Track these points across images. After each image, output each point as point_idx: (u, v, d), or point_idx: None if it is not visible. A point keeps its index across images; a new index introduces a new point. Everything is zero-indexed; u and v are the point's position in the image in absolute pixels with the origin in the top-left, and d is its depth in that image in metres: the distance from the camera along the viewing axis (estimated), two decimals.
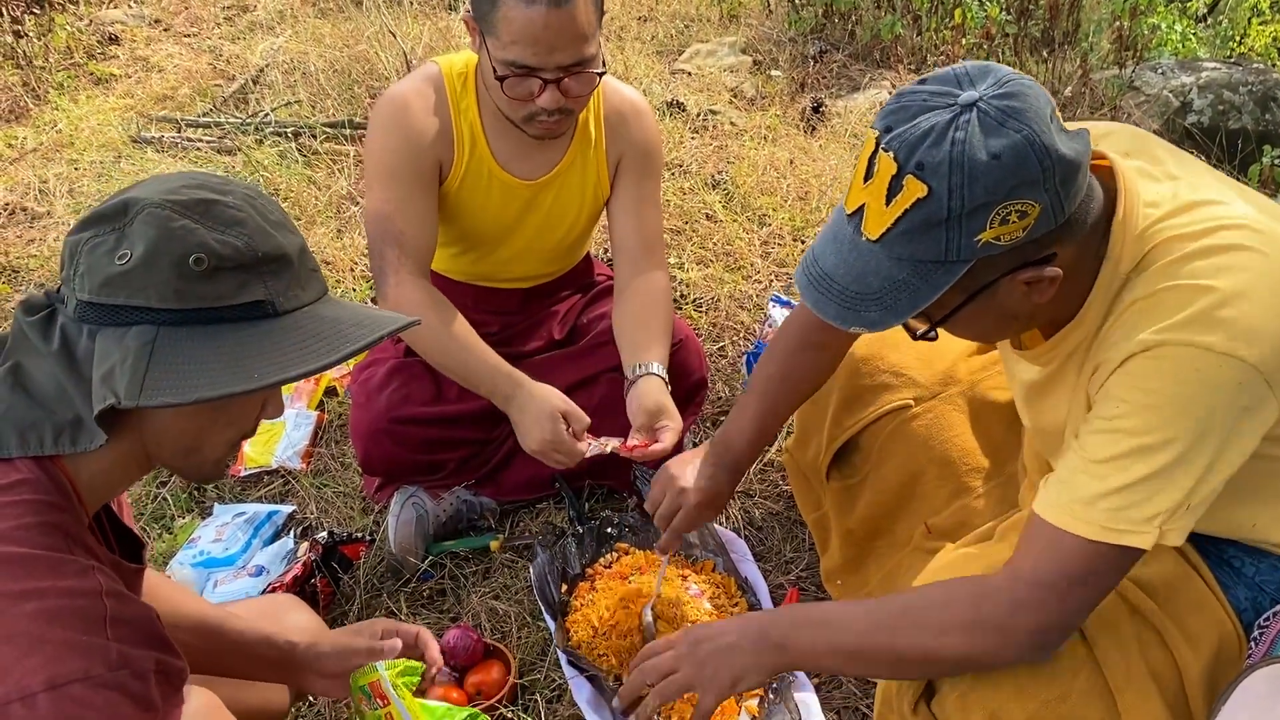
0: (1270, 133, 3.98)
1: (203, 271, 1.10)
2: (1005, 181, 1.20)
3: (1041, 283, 1.30)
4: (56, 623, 1.03)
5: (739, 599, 2.16)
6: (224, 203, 1.14)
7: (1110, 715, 1.44)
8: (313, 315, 1.19)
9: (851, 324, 1.31)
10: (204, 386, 1.09)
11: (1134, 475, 1.30)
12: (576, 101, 2.07)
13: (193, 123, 4.29)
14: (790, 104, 4.25)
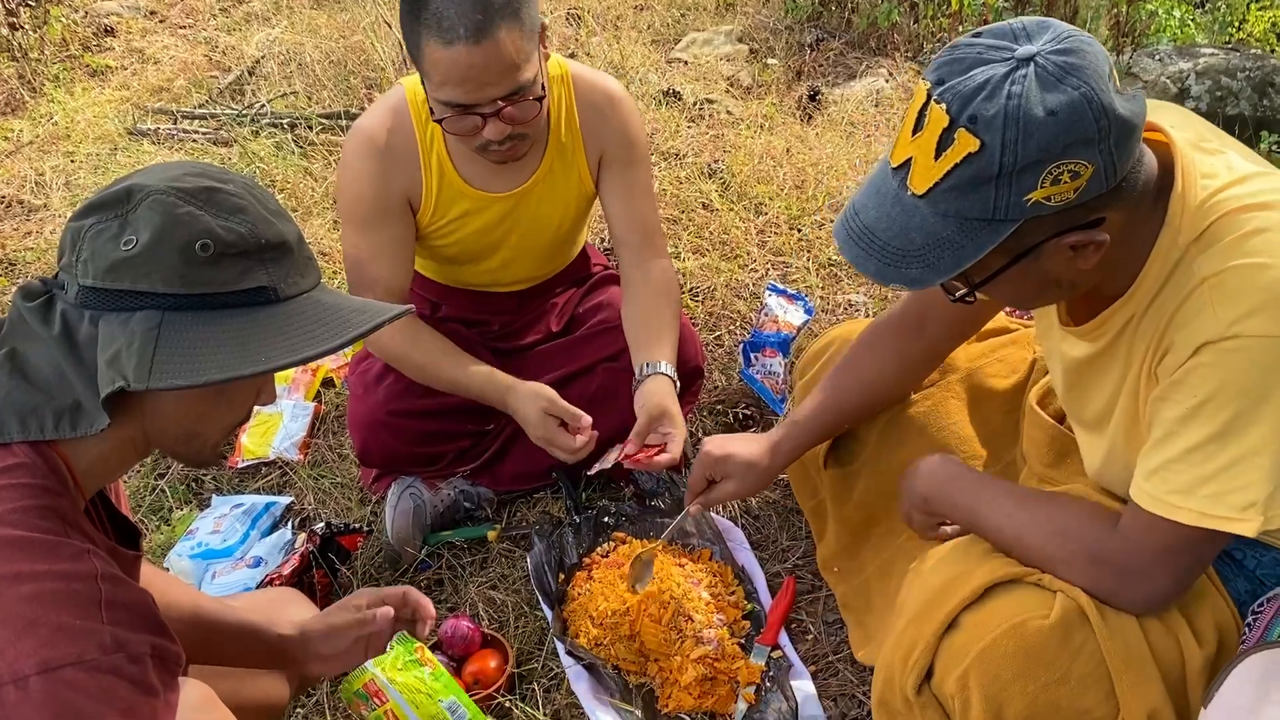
0: (1268, 118, 3.97)
1: (208, 257, 1.12)
2: (1060, 139, 1.17)
3: (1088, 248, 1.28)
4: (51, 606, 1.03)
5: (735, 587, 2.17)
6: (226, 190, 1.16)
7: (1109, 698, 1.44)
8: (313, 301, 1.21)
9: (892, 280, 1.30)
10: (212, 369, 1.11)
11: (1223, 460, 1.31)
12: (525, 126, 2.02)
13: (189, 114, 4.28)
14: (787, 92, 4.24)
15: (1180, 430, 1.33)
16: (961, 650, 1.48)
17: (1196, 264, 1.32)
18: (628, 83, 4.13)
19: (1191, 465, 1.33)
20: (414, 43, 1.91)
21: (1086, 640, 1.44)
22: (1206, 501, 1.33)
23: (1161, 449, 1.36)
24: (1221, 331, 1.27)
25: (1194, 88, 4.03)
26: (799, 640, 2.12)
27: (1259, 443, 1.29)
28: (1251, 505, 1.31)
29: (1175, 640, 1.47)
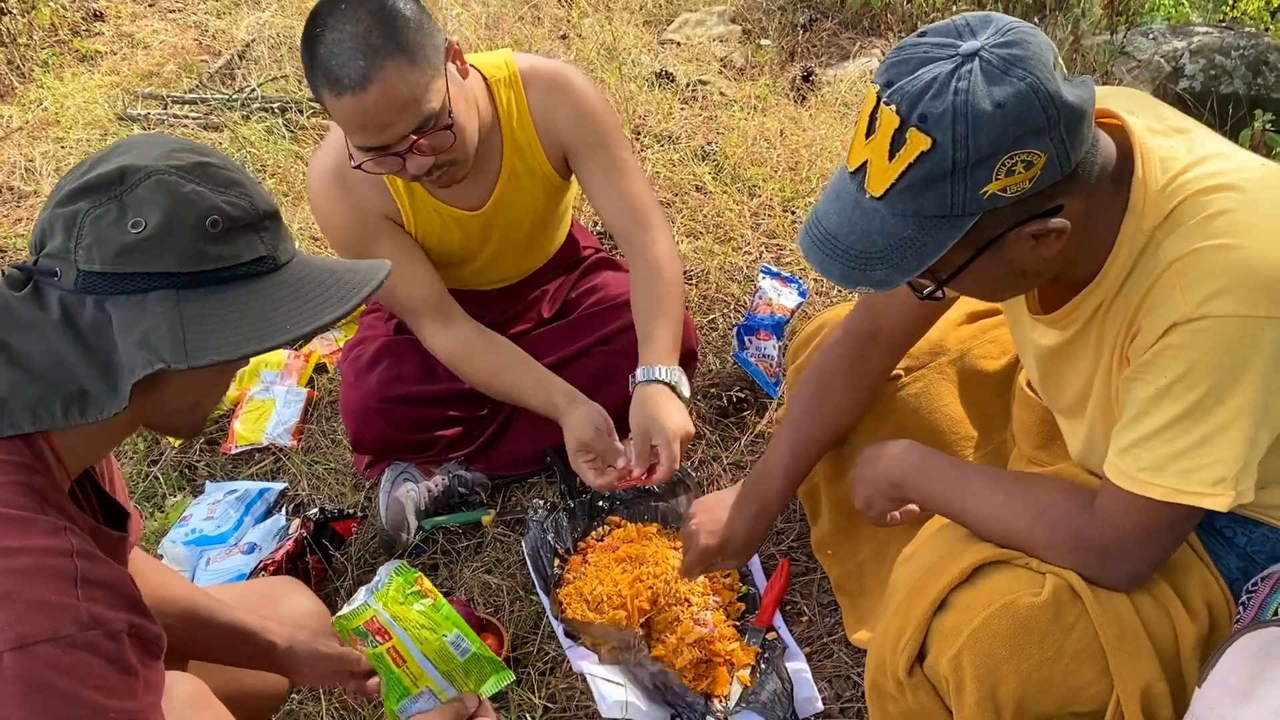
0: (1262, 97, 3.96)
1: (218, 234, 1.13)
2: (1010, 131, 1.19)
3: (1049, 235, 1.29)
4: (25, 581, 1.02)
5: (730, 571, 2.17)
6: (215, 164, 1.17)
7: (1103, 675, 1.45)
8: (305, 265, 1.24)
9: (858, 284, 1.31)
10: (248, 341, 1.14)
11: (1193, 437, 1.32)
12: (449, 153, 1.97)
13: (179, 99, 4.26)
14: (780, 73, 4.22)
15: (1151, 409, 1.35)
16: (954, 630, 1.48)
17: (1163, 248, 1.33)
18: (619, 64, 4.11)
19: (1162, 443, 1.35)
20: (316, 94, 1.89)
21: (1079, 617, 1.44)
22: (1177, 478, 1.34)
23: (1133, 428, 1.38)
24: (1189, 313, 1.28)
25: (1188, 66, 4.01)
26: (793, 623, 2.12)
27: (1228, 419, 1.30)
28: (1221, 481, 1.33)
29: (1168, 616, 1.47)
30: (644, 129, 3.69)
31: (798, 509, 2.32)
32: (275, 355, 2.85)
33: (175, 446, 2.64)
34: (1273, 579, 1.48)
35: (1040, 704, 1.47)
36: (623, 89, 3.89)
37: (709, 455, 2.51)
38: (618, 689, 1.90)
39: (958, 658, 1.47)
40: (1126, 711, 1.45)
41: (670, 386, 2.10)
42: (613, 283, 2.53)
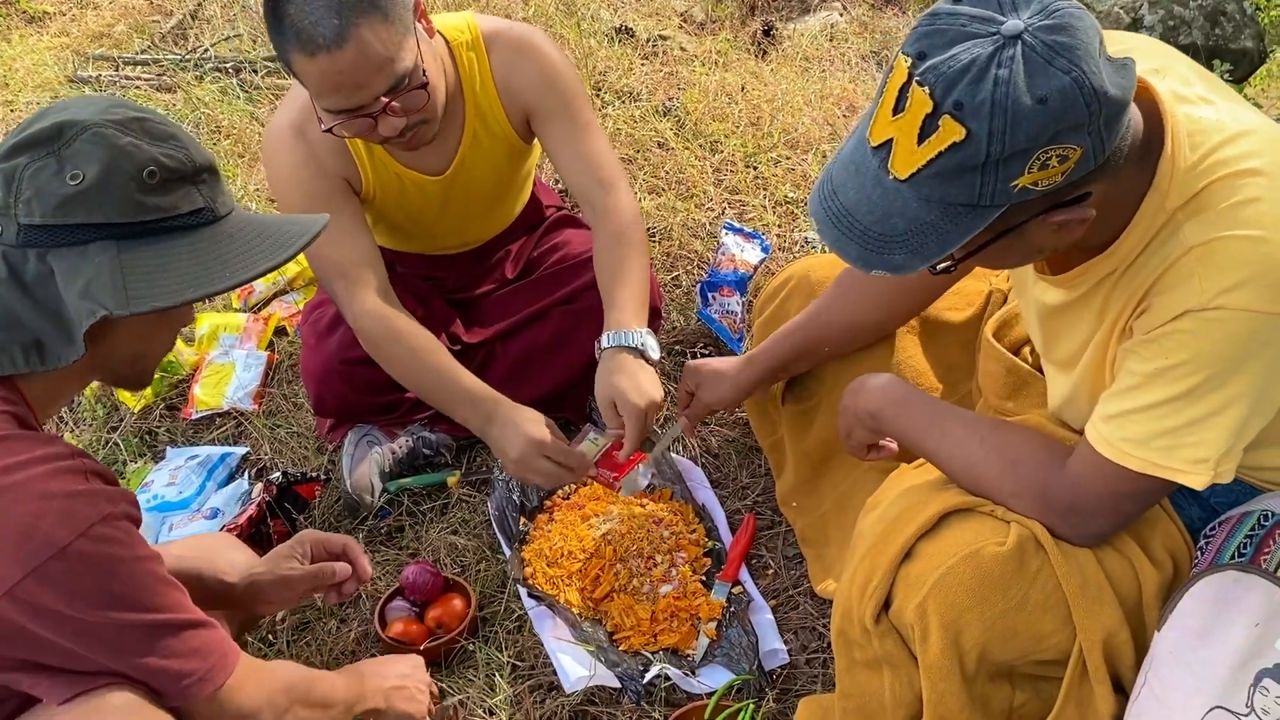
0: (1219, 47, 3.98)
1: (156, 184, 1.17)
2: (1050, 127, 1.13)
3: (1073, 223, 1.25)
4: (53, 481, 1.15)
5: (696, 525, 2.18)
6: (152, 119, 1.22)
7: (1066, 624, 1.47)
8: (243, 218, 1.30)
9: (875, 267, 1.25)
10: (186, 288, 1.19)
11: (1183, 419, 1.32)
12: (420, 114, 1.94)
13: (130, 60, 4.18)
14: (741, 28, 4.19)
15: (1146, 385, 1.34)
16: (919, 579, 1.49)
17: (1184, 230, 1.29)
18: (578, 20, 4.07)
19: (1150, 419, 1.34)
20: (282, 57, 1.83)
21: (1042, 566, 1.46)
22: (1158, 453, 1.34)
23: (1123, 398, 1.37)
24: (1205, 301, 1.26)
25: (1147, 17, 4.02)
26: (759, 576, 2.13)
27: (1221, 406, 1.30)
28: (1203, 461, 1.33)
29: (1130, 565, 1.49)
30: (604, 85, 3.66)
31: (763, 464, 2.33)
32: (234, 319, 2.82)
33: (135, 411, 2.61)
34: (1230, 523, 1.50)
35: (1004, 652, 1.49)
36: (582, 45, 3.85)
37: (674, 412, 2.50)
38: (579, 667, 1.90)
39: (923, 605, 1.48)
40: (1089, 660, 1.47)
41: (638, 351, 2.04)
42: (574, 240, 2.51)
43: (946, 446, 1.59)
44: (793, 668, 1.95)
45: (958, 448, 1.58)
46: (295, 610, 2.09)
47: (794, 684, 1.93)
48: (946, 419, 1.62)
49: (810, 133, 3.38)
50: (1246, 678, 1.33)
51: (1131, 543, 1.50)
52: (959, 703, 1.51)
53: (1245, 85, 4.10)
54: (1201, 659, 1.37)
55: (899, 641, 1.58)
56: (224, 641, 1.33)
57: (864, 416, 1.74)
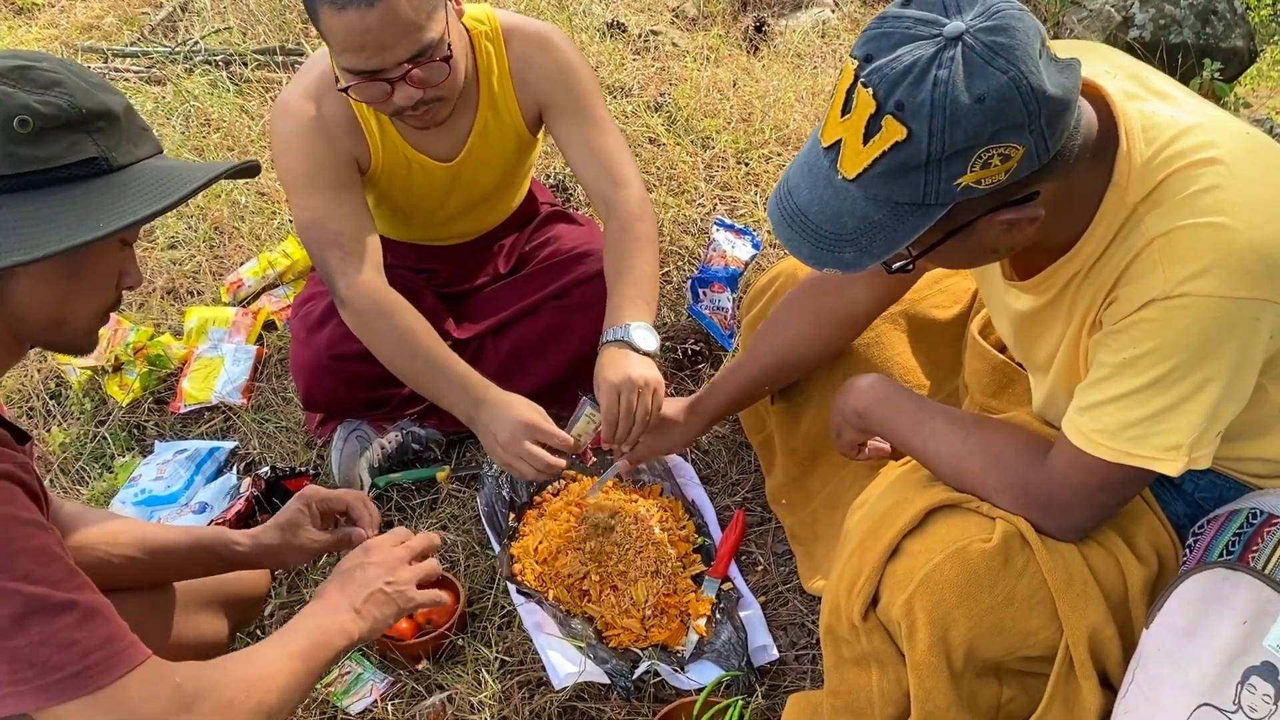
0: (1210, 46, 3.99)
1: (28, 134, 1.11)
2: (988, 126, 1.14)
3: (1022, 222, 1.27)
4: None
5: (686, 521, 2.18)
6: (39, 68, 1.15)
7: (1052, 619, 1.48)
8: (150, 168, 1.22)
9: (826, 265, 1.28)
10: (52, 241, 1.12)
11: (1153, 407, 1.33)
12: (438, 89, 1.94)
13: (120, 52, 4.16)
14: (733, 24, 4.19)
15: (1115, 375, 1.35)
16: (906, 576, 1.50)
17: (1145, 223, 1.31)
18: (570, 15, 4.06)
19: (1121, 409, 1.35)
20: (311, 9, 1.83)
21: (1028, 563, 1.47)
22: (1130, 442, 1.36)
23: (1095, 390, 1.38)
24: (1169, 290, 1.27)
25: (1138, 15, 4.03)
26: (749, 572, 2.13)
27: (1190, 393, 1.31)
28: (1176, 447, 1.34)
29: (1115, 560, 1.50)
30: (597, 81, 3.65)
31: (753, 460, 2.33)
32: (222, 312, 2.81)
33: (123, 405, 2.60)
34: (1218, 521, 1.50)
35: (991, 648, 1.50)
36: (574, 40, 3.84)
37: None
38: (567, 664, 1.90)
39: (910, 603, 1.49)
40: (1075, 655, 1.48)
41: (627, 343, 2.00)
42: (566, 235, 2.51)
43: (933, 444, 1.60)
44: (781, 664, 1.95)
45: (943, 445, 1.59)
46: (284, 606, 2.09)
47: (783, 680, 1.94)
48: (933, 417, 1.63)
49: (801, 129, 3.38)
50: (1234, 675, 1.33)
51: (1116, 538, 1.51)
52: (946, 699, 1.51)
53: (1235, 84, 4.11)
54: (1189, 656, 1.38)
55: (886, 638, 1.58)
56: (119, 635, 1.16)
57: (852, 416, 1.75)
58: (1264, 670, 1.31)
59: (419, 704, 1.89)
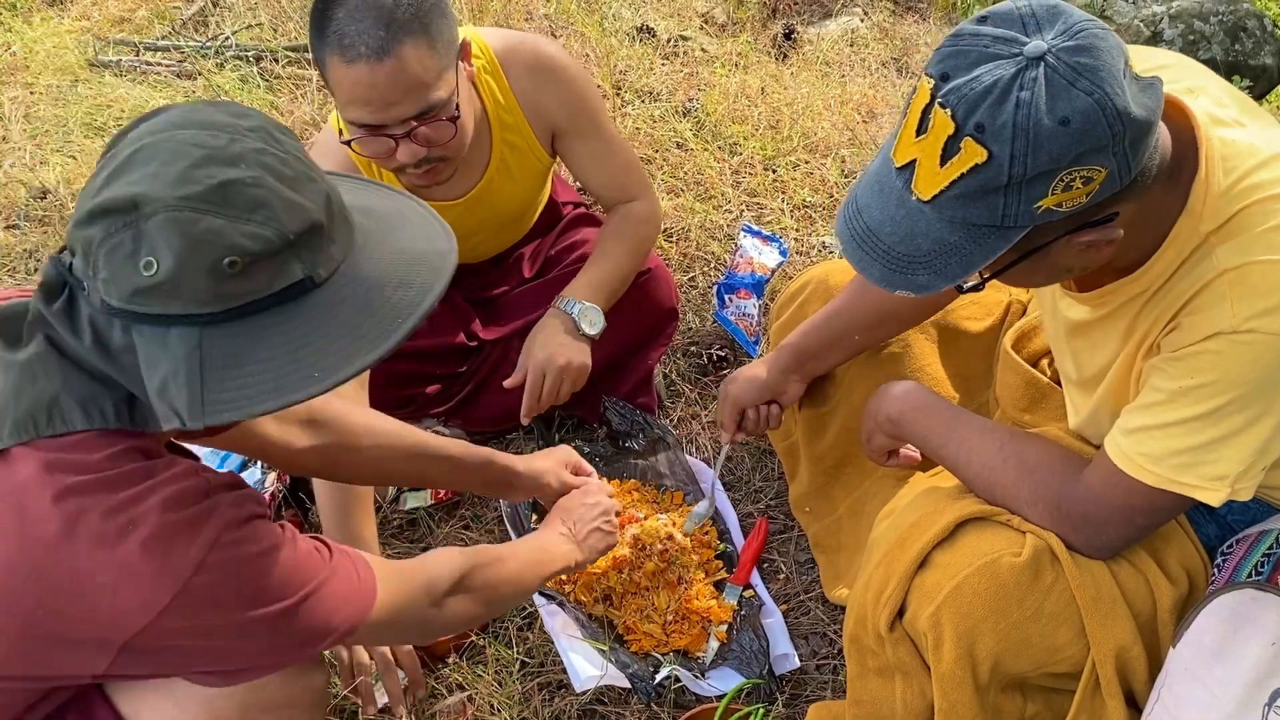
0: (1239, 63, 3.97)
1: (238, 273, 1.04)
2: (1072, 149, 1.12)
3: (1100, 244, 1.24)
4: (178, 505, 1.11)
5: (709, 528, 2.18)
6: (241, 181, 1.05)
7: (1080, 636, 1.47)
8: (352, 278, 1.14)
9: (899, 287, 1.25)
10: (267, 395, 1.07)
11: (1203, 438, 1.32)
12: (443, 149, 1.92)
13: (151, 46, 4.18)
14: (762, 30, 4.19)
15: (1169, 402, 1.34)
16: (934, 588, 1.50)
17: (1217, 254, 1.28)
18: (600, 18, 4.07)
19: (1171, 437, 1.34)
20: (320, 60, 1.82)
21: (1057, 579, 1.46)
22: (1175, 469, 1.34)
23: (1146, 414, 1.37)
24: (1237, 324, 1.26)
25: (1167, 31, 4.02)
26: (771, 580, 2.14)
27: (1242, 427, 1.30)
28: (1221, 479, 1.33)
29: (1145, 580, 1.49)
30: (625, 84, 3.66)
31: (776, 467, 2.33)
32: None
33: None
34: (1247, 541, 1.50)
35: (1017, 663, 1.49)
36: (603, 43, 3.85)
37: (688, 413, 2.51)
38: (589, 667, 1.90)
39: (937, 614, 1.48)
40: (1101, 673, 1.48)
41: (570, 317, 2.11)
42: (592, 239, 2.50)
43: (965, 453, 1.60)
44: (803, 673, 1.96)
45: (976, 454, 1.58)
46: None
47: (804, 689, 1.94)
48: (966, 426, 1.62)
49: (830, 137, 3.38)
50: (1261, 696, 1.33)
51: (1147, 558, 1.51)
52: (971, 712, 1.51)
53: (1263, 102, 4.09)
54: (1216, 677, 1.38)
55: (912, 649, 1.58)
56: (355, 579, 1.30)
57: (885, 421, 1.75)
58: None
59: (439, 703, 1.90)
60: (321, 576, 1.24)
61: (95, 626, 1.10)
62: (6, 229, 3.13)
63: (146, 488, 1.11)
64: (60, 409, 1.10)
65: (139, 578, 1.08)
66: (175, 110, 1.11)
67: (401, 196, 1.32)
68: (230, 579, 1.13)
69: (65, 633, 1.10)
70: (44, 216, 3.16)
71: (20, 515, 1.08)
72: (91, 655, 1.12)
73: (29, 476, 1.08)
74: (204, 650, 1.16)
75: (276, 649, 1.23)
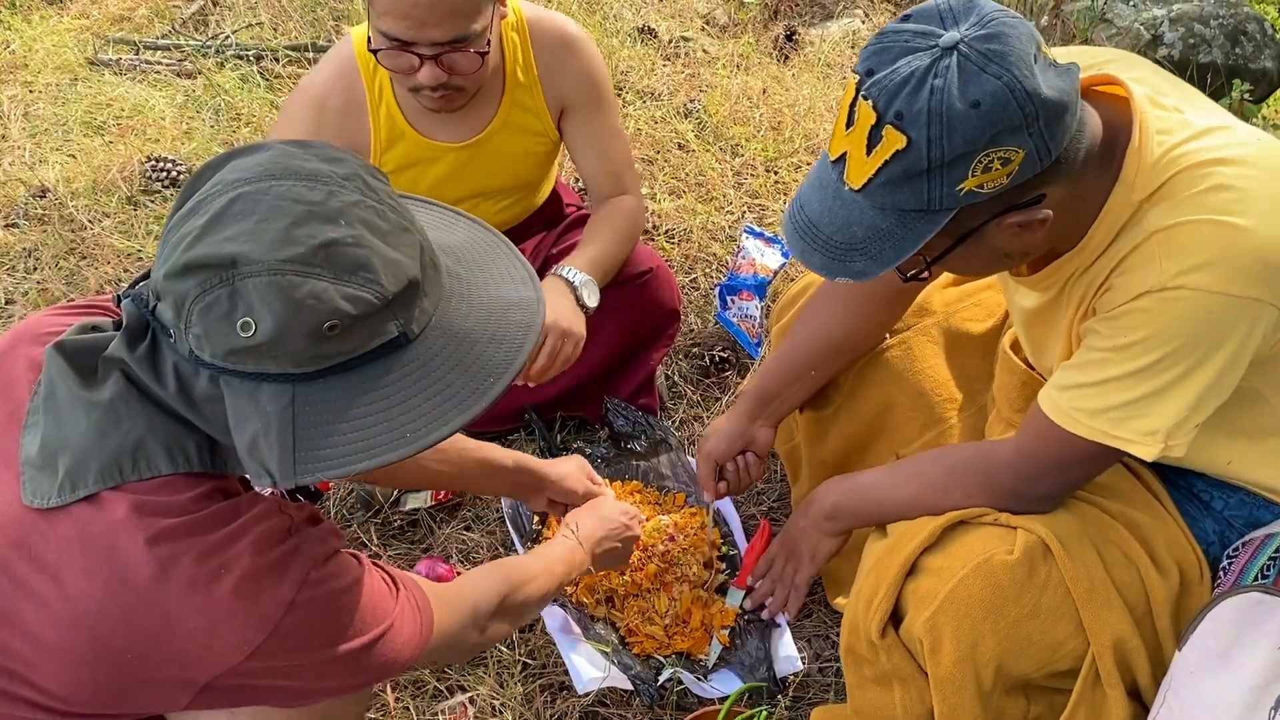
0: (1239, 66, 3.97)
1: (336, 335, 1.03)
2: (986, 130, 1.18)
3: (1032, 225, 1.30)
4: (266, 547, 1.11)
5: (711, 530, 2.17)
6: (341, 241, 1.02)
7: (1080, 630, 1.49)
8: (444, 331, 1.12)
9: (837, 275, 1.31)
10: (359, 457, 1.06)
11: (1137, 393, 1.35)
12: (463, 79, 1.96)
13: (151, 45, 4.17)
14: (763, 31, 4.19)
15: (1104, 360, 1.38)
16: (929, 593, 1.50)
17: (1148, 218, 1.34)
18: (601, 19, 4.06)
19: (1105, 393, 1.38)
20: None
21: (1051, 572, 1.48)
22: (1110, 423, 1.38)
23: (1081, 371, 1.41)
24: (1165, 281, 1.30)
25: (1167, 34, 4.02)
26: None
27: (1174, 381, 1.34)
28: (1153, 433, 1.36)
29: (1136, 573, 1.52)
30: (626, 85, 3.66)
31: (779, 470, 2.33)
32: None
33: None
34: (1253, 545, 1.50)
35: (1020, 663, 1.50)
36: (604, 44, 3.84)
37: (690, 415, 2.51)
38: (591, 668, 1.90)
39: (933, 619, 1.49)
40: (1100, 664, 1.49)
41: (570, 284, 2.09)
42: None
43: (901, 496, 1.65)
44: (806, 676, 1.95)
45: (906, 488, 1.65)
46: None
47: (807, 692, 1.93)
48: (892, 473, 1.69)
49: None
50: (1267, 700, 1.33)
51: (1138, 548, 1.53)
52: (972, 716, 1.51)
53: (1263, 106, 4.10)
54: (1222, 680, 1.38)
55: (906, 655, 1.58)
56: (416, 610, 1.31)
57: (821, 523, 1.79)
58: None
59: (441, 703, 1.90)
60: (395, 611, 1.26)
61: (182, 668, 1.10)
62: (6, 227, 3.12)
63: (238, 528, 1.11)
64: (146, 453, 1.09)
65: (232, 620, 1.09)
66: (267, 153, 1.08)
67: (477, 226, 1.32)
68: (317, 618, 1.15)
69: (151, 674, 1.10)
70: (43, 215, 3.15)
71: (112, 559, 1.07)
72: (173, 693, 1.12)
73: (120, 520, 1.07)
74: (283, 684, 1.17)
75: (353, 681, 1.24)
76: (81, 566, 1.07)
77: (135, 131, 3.57)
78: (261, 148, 1.10)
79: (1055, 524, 1.51)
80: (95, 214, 3.14)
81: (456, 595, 1.46)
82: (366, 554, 2.08)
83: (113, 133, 3.59)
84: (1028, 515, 1.52)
